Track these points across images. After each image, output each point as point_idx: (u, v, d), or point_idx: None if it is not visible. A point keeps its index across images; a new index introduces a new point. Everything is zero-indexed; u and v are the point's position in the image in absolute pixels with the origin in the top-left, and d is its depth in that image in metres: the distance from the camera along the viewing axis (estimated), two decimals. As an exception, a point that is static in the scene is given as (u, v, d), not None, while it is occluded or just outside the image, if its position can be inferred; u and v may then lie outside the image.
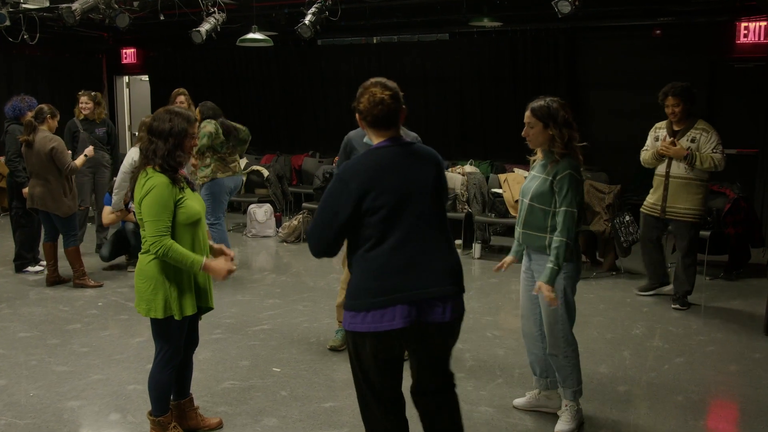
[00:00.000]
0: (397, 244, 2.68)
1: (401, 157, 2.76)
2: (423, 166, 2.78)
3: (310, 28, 7.88)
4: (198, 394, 4.15)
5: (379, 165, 2.71)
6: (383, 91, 2.74)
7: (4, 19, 8.11)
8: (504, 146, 10.31)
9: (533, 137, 3.65)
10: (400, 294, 2.65)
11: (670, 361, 4.84)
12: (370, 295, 2.67)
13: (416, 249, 2.70)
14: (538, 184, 3.64)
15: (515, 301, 6.40)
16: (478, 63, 10.37)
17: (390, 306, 2.64)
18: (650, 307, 6.09)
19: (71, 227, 6.46)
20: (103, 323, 5.60)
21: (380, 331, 2.66)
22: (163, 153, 3.28)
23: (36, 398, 4.17)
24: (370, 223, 2.68)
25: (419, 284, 2.68)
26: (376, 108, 2.73)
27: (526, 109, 3.67)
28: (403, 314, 2.64)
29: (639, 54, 9.49)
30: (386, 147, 2.76)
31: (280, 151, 11.43)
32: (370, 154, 2.77)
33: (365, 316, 2.67)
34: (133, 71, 13.56)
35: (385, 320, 2.65)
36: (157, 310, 3.31)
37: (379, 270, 2.68)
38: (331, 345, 5.02)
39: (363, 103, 2.75)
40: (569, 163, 3.55)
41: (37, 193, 6.32)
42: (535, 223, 3.64)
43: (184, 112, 3.38)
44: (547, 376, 3.97)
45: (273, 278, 7.08)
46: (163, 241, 3.21)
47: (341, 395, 4.22)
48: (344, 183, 2.69)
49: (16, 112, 6.91)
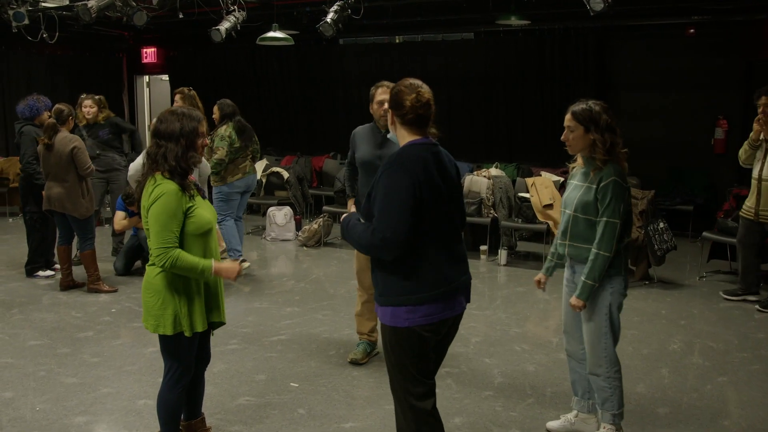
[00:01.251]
0: (444, 236, 2.82)
1: (437, 156, 2.85)
2: (450, 165, 2.92)
3: (332, 26, 7.66)
4: (211, 411, 3.94)
5: (425, 159, 2.79)
6: (428, 94, 2.84)
7: (23, 17, 8.00)
8: (530, 149, 10.05)
9: (573, 142, 3.43)
10: (456, 282, 2.84)
11: (713, 380, 4.54)
12: (433, 287, 2.76)
13: (453, 241, 2.88)
14: (581, 194, 3.41)
15: (544, 311, 6.14)
16: (504, 63, 10.10)
17: (452, 295, 2.82)
18: (687, 320, 5.79)
19: (87, 230, 6.31)
20: (116, 331, 5.41)
21: (442, 320, 2.81)
22: (176, 155, 3.06)
23: (42, 413, 3.97)
24: (425, 218, 2.74)
25: (463, 273, 2.91)
26: (423, 108, 2.81)
27: (567, 112, 3.46)
28: (459, 301, 2.88)
29: (671, 54, 9.17)
30: (424, 144, 2.84)
31: (300, 152, 11.24)
32: (415, 148, 2.81)
33: (429, 308, 2.76)
34: (154, 71, 13.45)
35: (447, 309, 2.81)
36: (166, 326, 3.10)
37: (435, 262, 2.77)
38: (352, 358, 4.78)
39: (409, 101, 2.80)
40: (613, 170, 3.32)
41: (54, 194, 6.17)
42: (579, 234, 3.43)
43: (192, 111, 3.17)
44: (589, 398, 3.71)
45: (292, 284, 6.86)
46: (169, 253, 3.00)
47: (362, 414, 3.98)
48: (408, 174, 2.71)
49: (32, 112, 6.73)
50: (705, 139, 9.08)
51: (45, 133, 6.19)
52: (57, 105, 6.36)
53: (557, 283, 6.84)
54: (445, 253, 2.81)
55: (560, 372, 4.60)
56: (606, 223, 3.29)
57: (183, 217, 3.05)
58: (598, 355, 3.47)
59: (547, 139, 10.08)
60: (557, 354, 4.93)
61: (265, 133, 11.81)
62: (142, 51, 13.23)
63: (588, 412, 3.73)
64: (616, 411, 3.53)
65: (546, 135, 10.08)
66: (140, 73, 13.61)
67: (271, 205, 9.22)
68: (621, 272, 3.40)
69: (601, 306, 3.40)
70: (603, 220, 3.30)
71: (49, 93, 7.37)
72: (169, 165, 3.06)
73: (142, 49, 13.20)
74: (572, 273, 3.58)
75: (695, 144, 9.07)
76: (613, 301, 3.41)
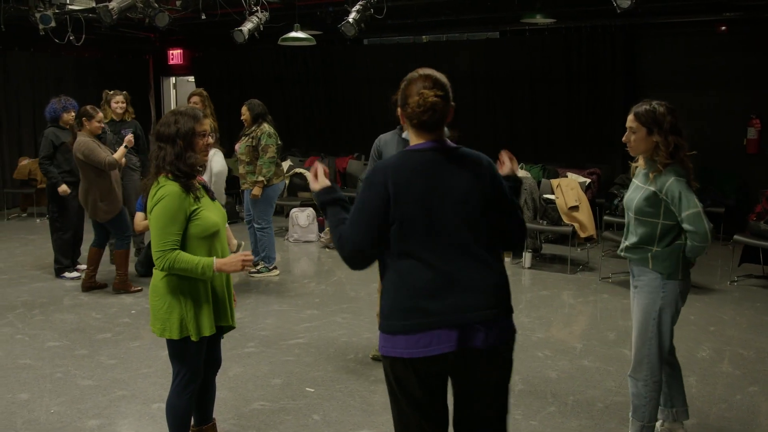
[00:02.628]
0: (431, 259, 2.37)
1: (438, 164, 2.43)
2: (464, 174, 2.44)
3: (354, 26, 7.59)
4: (225, 416, 3.89)
5: (412, 169, 2.42)
6: (434, 93, 2.41)
7: (50, 20, 8.04)
8: (556, 150, 9.90)
9: (635, 144, 3.32)
10: (437, 317, 2.33)
11: (743, 390, 4.37)
12: (403, 317, 2.36)
13: (453, 266, 2.37)
14: (641, 196, 3.31)
15: (568, 316, 6.00)
16: (529, 62, 9.96)
17: (427, 330, 2.33)
18: (717, 326, 5.61)
19: (121, 229, 6.37)
20: (134, 333, 5.40)
21: (416, 357, 2.34)
22: (172, 158, 3.00)
23: (56, 415, 3.95)
24: (399, 233, 2.38)
25: (457, 306, 2.34)
26: (426, 114, 2.42)
27: (629, 112, 3.34)
28: (442, 339, 2.32)
29: (702, 52, 8.96)
30: (423, 150, 2.46)
31: (324, 153, 11.19)
32: (403, 156, 2.48)
33: (398, 340, 2.36)
34: (180, 72, 13.52)
35: (420, 345, 2.33)
36: (172, 330, 3.04)
37: (412, 288, 2.36)
38: (374, 355, 4.77)
39: (411, 105, 2.43)
40: (675, 171, 3.21)
41: (81, 199, 6.28)
42: (641, 236, 3.33)
43: (190, 110, 3.10)
44: (672, 405, 3.59)
45: (313, 287, 6.80)
46: (167, 255, 2.94)
47: (377, 421, 3.90)
48: (373, 185, 2.42)
49: (51, 114, 6.82)
50: (737, 139, 8.84)
51: (72, 136, 6.27)
52: (83, 107, 6.37)
53: (583, 287, 6.75)
54: (432, 279, 2.35)
55: (583, 380, 4.47)
56: (688, 217, 3.17)
57: (185, 219, 2.99)
58: (640, 359, 3.38)
59: (573, 139, 9.93)
60: (581, 361, 4.80)
61: (288, 134, 11.83)
62: (168, 52, 13.30)
63: (673, 420, 3.62)
64: (647, 423, 3.41)
65: (572, 136, 9.92)
66: (166, 75, 13.69)
67: (294, 206, 9.19)
68: (677, 276, 3.27)
69: (651, 309, 3.30)
70: (684, 215, 3.18)
71: (76, 95, 7.40)
72: (169, 167, 3.01)
73: (168, 51, 13.27)
74: (632, 276, 3.47)
75: (727, 144, 8.84)
76: (664, 305, 3.29)
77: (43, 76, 11.46)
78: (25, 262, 7.62)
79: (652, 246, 3.29)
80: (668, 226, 3.26)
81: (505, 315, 2.43)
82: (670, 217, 3.24)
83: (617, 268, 7.35)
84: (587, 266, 7.44)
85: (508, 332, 2.44)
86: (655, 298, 3.29)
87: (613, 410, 4.04)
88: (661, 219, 3.26)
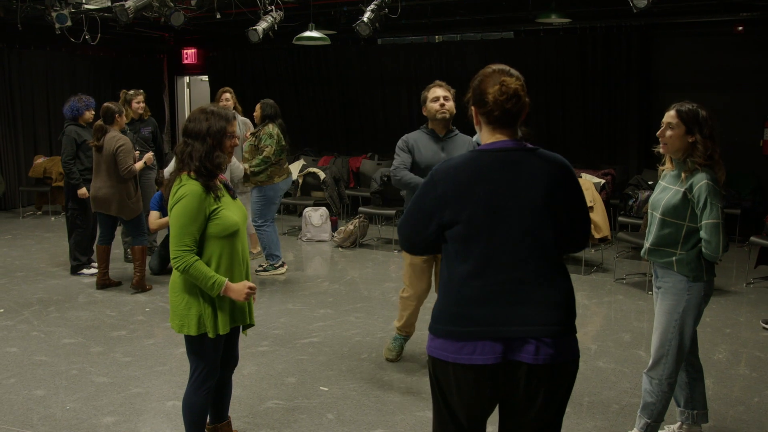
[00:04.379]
0: (486, 267, 2.26)
1: (509, 165, 2.29)
2: (538, 178, 2.29)
3: (369, 26, 7.59)
4: (239, 414, 3.89)
5: (476, 170, 2.29)
6: (517, 82, 2.31)
7: (66, 19, 8.09)
8: (571, 150, 9.84)
9: (670, 140, 3.30)
10: (483, 328, 2.23)
11: (760, 393, 4.33)
12: (450, 322, 2.28)
13: (509, 276, 2.26)
14: (669, 196, 3.30)
15: (582, 317, 5.96)
16: (544, 62, 9.93)
17: (471, 339, 2.24)
18: (733, 328, 5.57)
19: (139, 228, 6.40)
20: (149, 330, 5.42)
21: (459, 363, 2.26)
22: (201, 155, 3.01)
23: (72, 412, 3.97)
24: (455, 237, 2.30)
25: (507, 318, 2.24)
26: (509, 102, 2.29)
27: (669, 109, 3.33)
28: (486, 350, 2.23)
29: (719, 52, 8.91)
30: (495, 151, 2.32)
31: (337, 152, 11.20)
32: (470, 156, 2.36)
33: (443, 343, 2.29)
34: (194, 71, 13.57)
35: (464, 352, 2.25)
36: (190, 326, 3.05)
37: (461, 295, 2.28)
38: (387, 357, 4.80)
39: (492, 93, 2.28)
40: (707, 174, 3.21)
41: (101, 195, 6.25)
42: (664, 238, 3.31)
43: (221, 110, 3.11)
44: (693, 408, 3.57)
45: (326, 286, 6.80)
46: (185, 258, 2.95)
47: (392, 421, 3.89)
48: (433, 184, 2.33)
49: (73, 113, 6.83)
50: (753, 140, 8.77)
51: (94, 135, 6.27)
52: (105, 104, 6.37)
53: (597, 288, 6.71)
54: (484, 287, 2.26)
55: (598, 381, 4.45)
56: (707, 225, 3.18)
57: (205, 219, 3.00)
58: (658, 358, 3.36)
59: (587, 140, 9.89)
60: (595, 362, 4.78)
61: (302, 133, 11.87)
62: (183, 52, 13.35)
63: (692, 423, 3.59)
64: (653, 422, 3.40)
65: (586, 136, 9.89)
66: (180, 74, 13.74)
67: (307, 205, 9.19)
68: (702, 277, 3.27)
69: (674, 311, 3.29)
70: (704, 223, 3.19)
71: (92, 94, 7.44)
72: (195, 165, 3.01)
73: (183, 50, 13.33)
74: (655, 278, 3.46)
75: (743, 145, 8.76)
76: (687, 308, 3.28)
77: (58, 75, 11.53)
78: (41, 260, 7.67)
79: (676, 249, 3.27)
80: (692, 228, 3.24)
81: (564, 334, 2.27)
82: (696, 219, 3.23)
83: (632, 269, 7.31)
84: (601, 267, 7.41)
85: (567, 353, 2.28)
86: (680, 300, 3.27)
87: (628, 412, 4.01)
88: (686, 221, 3.24)
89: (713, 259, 3.22)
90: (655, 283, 3.45)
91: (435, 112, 4.46)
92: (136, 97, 7.46)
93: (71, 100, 6.91)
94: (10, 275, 7.04)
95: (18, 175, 11.09)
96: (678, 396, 3.61)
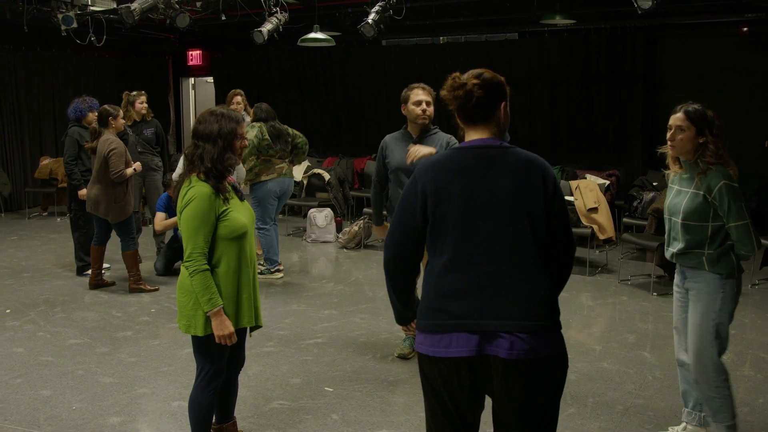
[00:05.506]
0: (462, 261, 2.30)
1: (483, 162, 2.34)
2: (510, 175, 2.32)
3: (374, 27, 7.60)
4: (244, 414, 3.91)
5: (453, 167, 2.35)
6: (471, 79, 2.36)
7: (72, 21, 8.13)
8: (575, 151, 9.86)
9: (680, 143, 3.31)
10: (459, 321, 2.26)
11: (765, 394, 4.33)
12: (429, 316, 2.34)
13: (484, 269, 2.28)
14: (688, 200, 3.29)
15: (587, 318, 5.97)
16: (548, 64, 9.93)
17: (447, 331, 2.28)
18: (737, 329, 5.56)
19: (127, 231, 6.36)
20: (154, 331, 5.44)
21: (438, 356, 2.30)
22: (212, 156, 3.02)
23: (78, 412, 3.99)
24: (433, 232, 2.36)
25: (481, 311, 2.25)
26: (456, 92, 2.35)
27: (675, 111, 3.34)
28: (461, 342, 2.25)
29: (723, 53, 8.90)
30: (470, 148, 2.39)
31: (342, 154, 11.22)
32: (447, 154, 2.43)
33: (425, 338, 2.35)
34: (199, 73, 13.61)
35: (441, 345, 2.29)
36: (197, 327, 3.06)
37: (438, 289, 2.33)
38: (399, 353, 4.83)
39: (445, 87, 2.38)
40: (720, 172, 3.22)
41: (92, 196, 6.27)
42: (690, 240, 3.31)
43: (231, 112, 3.13)
44: (701, 410, 3.57)
45: (331, 287, 6.82)
46: (198, 262, 2.97)
47: (397, 421, 3.90)
48: (414, 182, 2.40)
49: (77, 114, 6.85)
50: (758, 141, 8.76)
51: (90, 137, 6.30)
52: (102, 107, 6.42)
53: (602, 289, 6.72)
54: (459, 281, 2.29)
55: (603, 382, 4.45)
56: (736, 228, 3.20)
57: (215, 220, 3.01)
58: (704, 363, 3.34)
59: (592, 141, 9.89)
60: (600, 363, 4.78)
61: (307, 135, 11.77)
62: (188, 53, 13.39)
63: (698, 425, 3.59)
64: (730, 422, 3.38)
65: (591, 137, 9.89)
66: (186, 76, 13.79)
67: (311, 206, 9.21)
68: (734, 274, 3.28)
69: (710, 311, 3.28)
70: (732, 225, 3.21)
71: (97, 95, 7.48)
72: (205, 166, 3.02)
73: (188, 52, 13.37)
74: (682, 279, 3.45)
75: (748, 146, 8.75)
76: (722, 307, 3.28)
77: (64, 77, 11.59)
78: (47, 261, 7.71)
79: (704, 249, 3.27)
80: (718, 226, 3.25)
81: (543, 329, 2.26)
82: (719, 218, 3.24)
83: (636, 271, 7.31)
84: (606, 268, 7.40)
85: (544, 349, 2.25)
86: (714, 299, 3.26)
87: (632, 413, 4.02)
88: (710, 221, 3.25)
89: (748, 258, 3.24)
90: (683, 285, 3.44)
91: (416, 116, 4.54)
92: (139, 98, 7.49)
93: (75, 101, 6.94)
94: (16, 276, 7.07)
95: (24, 176, 11.14)
96: (687, 397, 3.61)
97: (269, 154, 6.69)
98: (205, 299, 2.99)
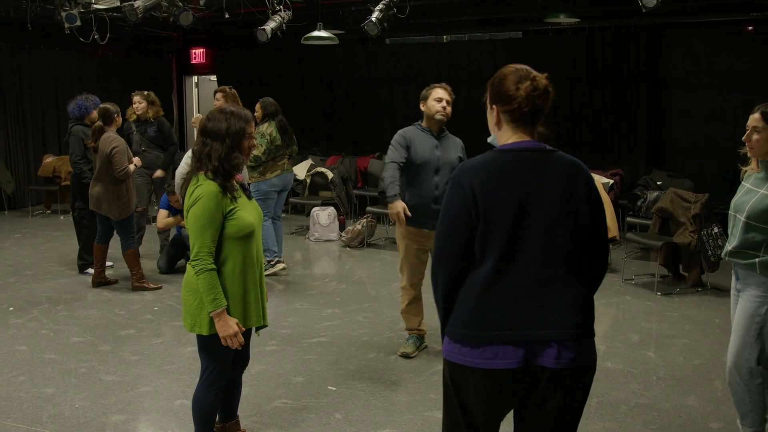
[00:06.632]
0: (508, 269, 2.21)
1: (531, 166, 2.26)
2: (558, 180, 2.26)
3: (377, 25, 7.59)
4: (247, 413, 3.90)
5: (500, 170, 2.25)
6: (546, 79, 2.28)
7: (75, 19, 8.13)
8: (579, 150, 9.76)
9: (757, 144, 3.27)
10: (504, 332, 2.19)
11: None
12: (470, 327, 2.23)
13: (532, 278, 2.21)
14: (757, 200, 3.24)
15: (591, 318, 5.95)
16: (552, 62, 9.89)
17: (492, 343, 2.20)
18: None
19: (128, 230, 6.35)
20: (157, 329, 5.44)
21: (479, 368, 2.22)
22: (219, 155, 3.01)
23: (80, 410, 3.99)
24: (478, 238, 2.24)
25: (529, 321, 2.19)
26: (541, 98, 2.26)
27: (753, 112, 3.30)
28: (507, 354, 2.18)
29: (728, 52, 8.87)
30: (516, 151, 2.29)
31: (345, 152, 11.20)
32: (492, 156, 2.31)
33: (461, 347, 2.24)
34: (202, 71, 13.61)
35: (485, 357, 2.20)
36: (202, 325, 3.05)
37: (481, 297, 2.23)
38: (403, 352, 4.82)
39: (523, 89, 2.24)
40: None
41: (94, 194, 6.26)
42: (748, 241, 3.27)
43: (240, 110, 3.10)
44: None
45: (334, 286, 6.81)
46: (205, 261, 2.96)
47: (400, 420, 3.89)
48: (460, 187, 2.26)
49: (81, 112, 6.84)
50: (763, 141, 8.72)
51: (92, 135, 6.28)
52: (103, 104, 6.41)
53: (605, 288, 6.69)
54: (506, 289, 2.21)
55: (607, 382, 4.44)
56: None
57: (222, 218, 3.00)
58: (740, 364, 3.32)
59: (596, 140, 9.87)
60: (604, 363, 4.76)
61: (310, 133, 11.89)
62: (191, 51, 13.39)
63: None
64: (758, 428, 3.35)
65: (595, 136, 9.87)
66: (189, 74, 13.78)
67: (315, 205, 9.20)
68: None
69: (755, 312, 3.24)
70: None
71: (100, 93, 7.48)
72: (213, 165, 3.01)
73: (191, 50, 13.37)
74: (737, 280, 3.43)
75: (753, 146, 8.73)
76: None
77: (67, 75, 11.59)
78: (50, 259, 7.71)
79: (759, 252, 3.23)
80: None
81: (584, 337, 2.23)
82: None
83: (640, 270, 7.29)
84: (610, 268, 7.39)
85: (586, 357, 2.23)
86: (763, 301, 3.23)
87: (637, 413, 4.00)
88: None
89: None
90: (736, 286, 3.41)
91: (435, 112, 4.61)
92: (134, 98, 7.50)
93: (78, 99, 6.92)
94: (19, 274, 7.07)
95: (27, 174, 11.15)
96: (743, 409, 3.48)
97: (278, 154, 6.82)
98: (210, 299, 2.97)
